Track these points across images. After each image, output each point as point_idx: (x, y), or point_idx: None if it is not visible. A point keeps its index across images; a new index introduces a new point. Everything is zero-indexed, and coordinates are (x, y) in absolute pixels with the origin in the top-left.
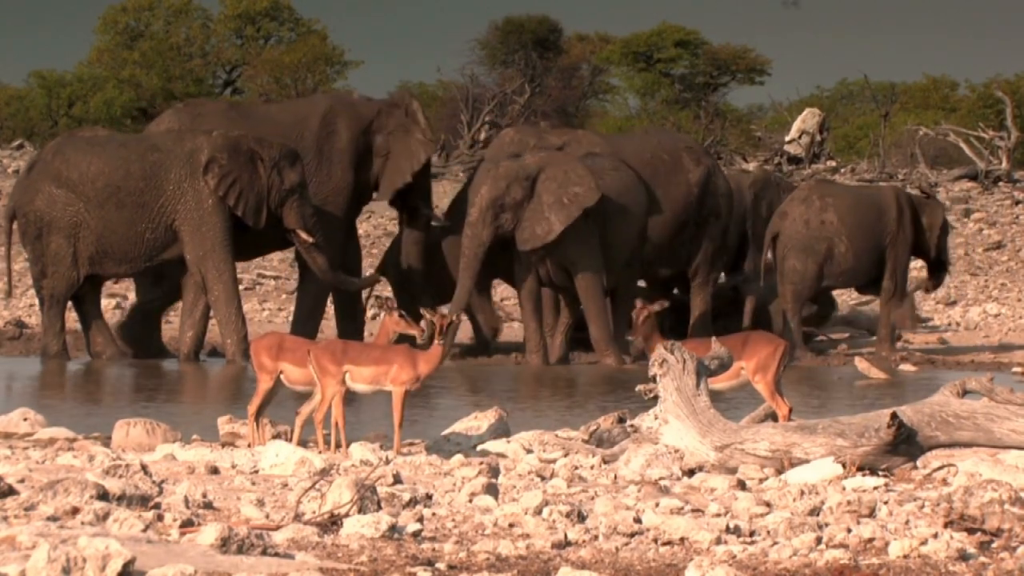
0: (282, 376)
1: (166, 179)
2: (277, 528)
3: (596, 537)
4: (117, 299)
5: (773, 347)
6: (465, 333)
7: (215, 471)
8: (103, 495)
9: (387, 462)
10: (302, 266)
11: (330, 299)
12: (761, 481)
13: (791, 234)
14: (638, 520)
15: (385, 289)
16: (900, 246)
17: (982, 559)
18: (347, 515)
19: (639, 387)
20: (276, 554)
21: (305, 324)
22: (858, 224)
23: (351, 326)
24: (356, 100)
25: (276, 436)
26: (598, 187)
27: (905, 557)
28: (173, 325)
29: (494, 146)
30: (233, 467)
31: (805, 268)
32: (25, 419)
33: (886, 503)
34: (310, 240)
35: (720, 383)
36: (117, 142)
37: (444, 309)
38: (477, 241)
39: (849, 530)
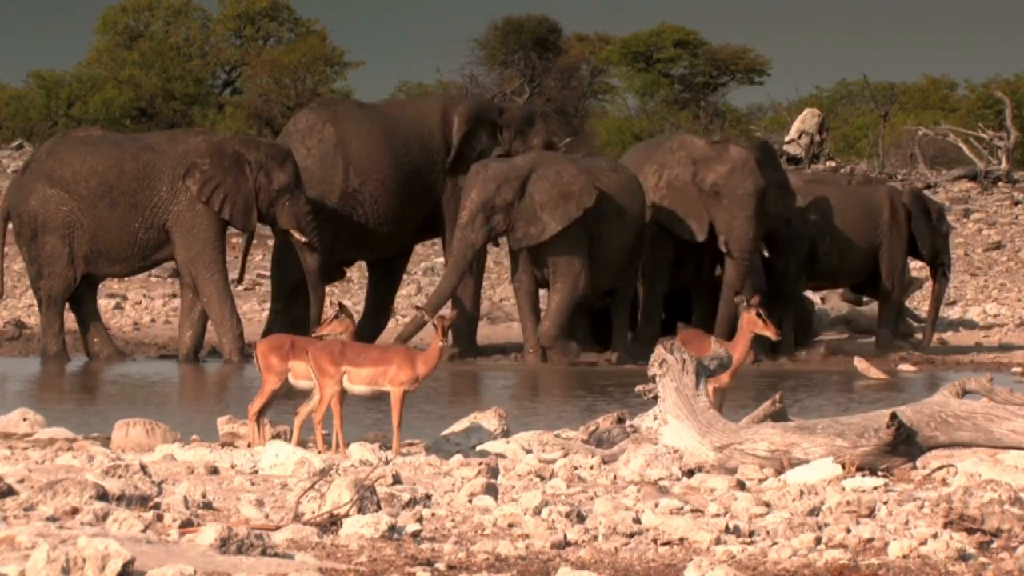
0: (290, 375)
1: (159, 179)
2: (276, 528)
3: (595, 537)
4: (116, 299)
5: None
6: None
7: (214, 471)
8: (103, 495)
9: (386, 462)
10: (373, 264)
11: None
12: (760, 481)
13: (772, 233)
14: (637, 520)
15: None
16: (894, 246)
17: (981, 559)
18: (346, 515)
19: (638, 387)
20: (276, 554)
21: (377, 317)
22: (844, 223)
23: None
24: (466, 100)
25: (275, 436)
26: (594, 186)
27: (904, 557)
28: (172, 325)
29: (681, 156)
30: (232, 467)
31: (787, 268)
32: (25, 419)
33: (885, 503)
34: (303, 240)
35: None
36: (111, 142)
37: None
38: (466, 243)
39: (848, 530)
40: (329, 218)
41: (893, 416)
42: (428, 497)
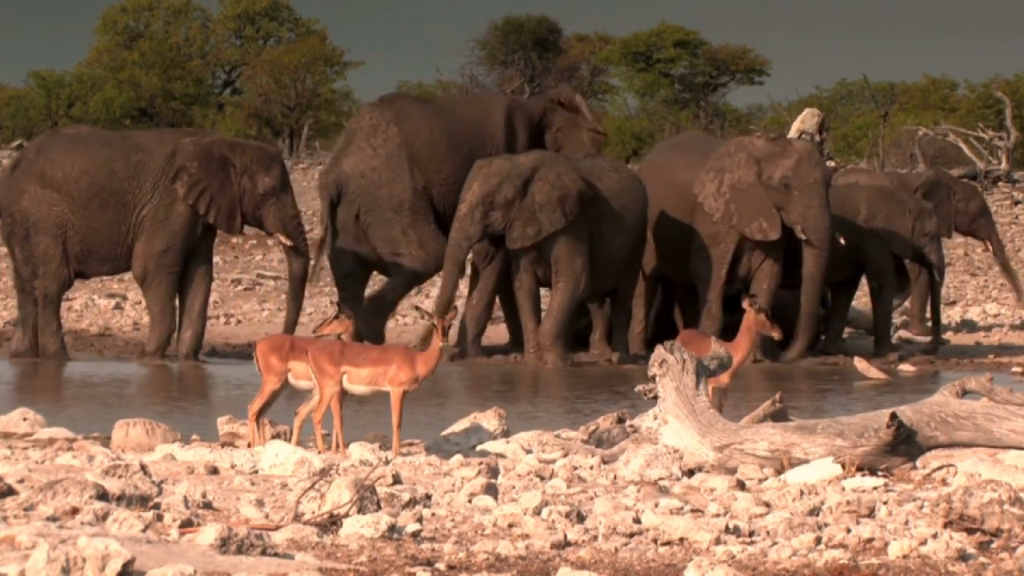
0: (290, 375)
1: (148, 179)
2: (276, 528)
3: (595, 537)
4: (116, 299)
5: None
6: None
7: (214, 471)
8: (103, 495)
9: (386, 462)
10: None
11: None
12: (760, 481)
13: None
14: (637, 520)
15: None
16: (876, 247)
17: (981, 559)
18: (346, 515)
19: (639, 387)
20: (275, 554)
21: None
22: None
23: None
24: (526, 99)
25: (275, 436)
26: (592, 190)
27: (904, 557)
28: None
29: (741, 158)
30: (232, 467)
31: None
32: (25, 419)
33: (885, 503)
34: (288, 243)
35: None
36: (101, 141)
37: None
38: (463, 235)
39: (848, 530)
40: (398, 216)
41: (893, 416)
42: (428, 497)
